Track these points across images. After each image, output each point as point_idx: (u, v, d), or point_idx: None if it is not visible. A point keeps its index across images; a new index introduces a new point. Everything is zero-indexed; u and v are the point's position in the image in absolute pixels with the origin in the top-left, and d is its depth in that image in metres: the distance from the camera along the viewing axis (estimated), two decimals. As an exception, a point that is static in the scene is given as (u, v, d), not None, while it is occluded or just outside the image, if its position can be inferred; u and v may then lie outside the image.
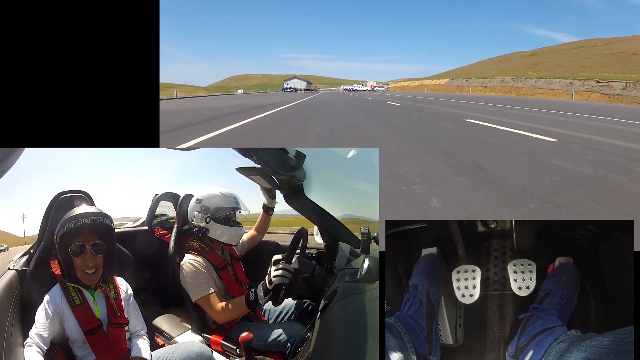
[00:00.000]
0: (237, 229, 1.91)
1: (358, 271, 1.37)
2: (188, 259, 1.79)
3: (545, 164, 3.66)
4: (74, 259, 1.42)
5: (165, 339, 1.79)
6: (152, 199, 2.32)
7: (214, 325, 1.81)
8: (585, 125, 7.46)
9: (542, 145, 4.83)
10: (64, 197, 1.58)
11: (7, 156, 1.02)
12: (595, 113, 11.50)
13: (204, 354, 1.49)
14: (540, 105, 16.65)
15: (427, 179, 3.10)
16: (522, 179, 3.08)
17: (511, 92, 38.61)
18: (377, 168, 2.25)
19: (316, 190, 2.11)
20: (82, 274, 1.43)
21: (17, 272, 1.49)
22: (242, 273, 1.97)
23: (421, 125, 7.59)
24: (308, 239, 2.02)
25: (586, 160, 3.85)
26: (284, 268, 1.60)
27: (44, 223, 1.57)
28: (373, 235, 1.75)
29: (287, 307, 1.90)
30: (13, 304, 1.41)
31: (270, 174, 1.92)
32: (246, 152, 1.86)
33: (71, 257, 1.41)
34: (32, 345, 1.31)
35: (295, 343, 1.58)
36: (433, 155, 4.15)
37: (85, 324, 1.40)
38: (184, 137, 5.37)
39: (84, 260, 1.42)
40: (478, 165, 3.63)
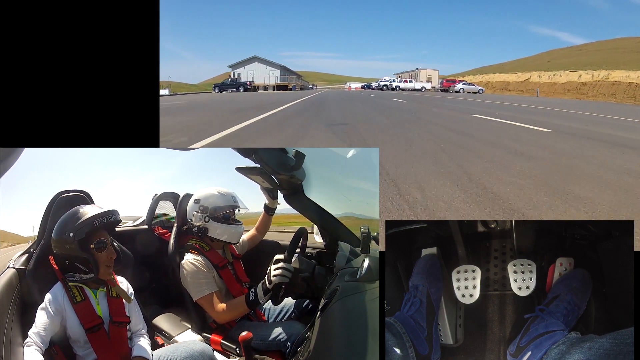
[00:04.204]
0: (236, 227, 1.91)
1: (358, 271, 1.37)
2: (188, 258, 1.79)
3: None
4: (99, 254, 1.44)
5: (165, 338, 1.79)
6: (152, 198, 2.31)
7: (213, 324, 1.81)
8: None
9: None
10: (63, 196, 1.58)
11: (7, 156, 1.02)
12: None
13: (206, 353, 1.49)
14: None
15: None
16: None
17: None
18: (377, 168, 2.24)
19: (316, 189, 2.10)
20: (104, 268, 1.45)
21: (16, 270, 1.49)
22: (243, 272, 1.97)
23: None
24: (308, 238, 2.02)
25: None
26: (283, 267, 1.59)
27: (43, 222, 1.58)
28: (373, 234, 1.75)
29: (287, 306, 1.90)
30: (13, 302, 1.41)
31: (270, 173, 1.92)
32: (246, 152, 1.85)
33: (94, 254, 1.43)
34: (32, 344, 1.31)
35: (295, 342, 1.58)
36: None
37: (87, 321, 1.40)
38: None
39: (107, 253, 1.45)
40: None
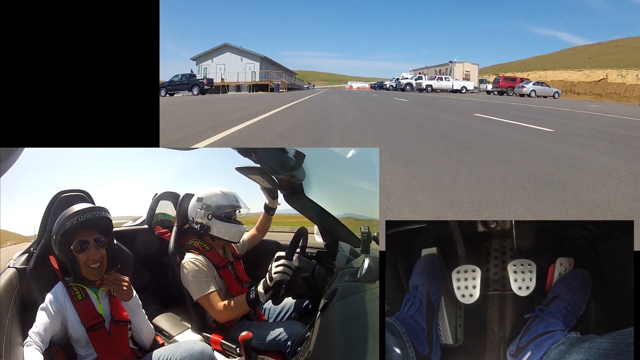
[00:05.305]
0: (238, 226, 1.91)
1: (358, 271, 1.37)
2: (189, 257, 1.79)
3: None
4: (78, 255, 1.42)
5: (165, 338, 1.79)
6: (152, 198, 2.31)
7: (213, 324, 1.81)
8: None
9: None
10: (63, 196, 1.58)
11: (7, 156, 1.02)
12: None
13: (205, 352, 1.48)
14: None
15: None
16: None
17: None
18: (377, 168, 2.24)
19: (316, 189, 2.10)
20: (87, 269, 1.43)
21: (17, 270, 1.49)
22: (243, 272, 1.97)
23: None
24: (308, 238, 2.01)
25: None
26: (285, 264, 1.59)
27: (43, 222, 1.57)
28: (373, 234, 1.75)
29: (287, 306, 1.90)
30: (13, 302, 1.40)
31: (270, 173, 1.92)
32: (245, 152, 1.85)
33: (74, 255, 1.41)
34: (32, 344, 1.31)
35: (295, 342, 1.58)
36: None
37: (87, 319, 1.40)
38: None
39: (88, 255, 1.42)
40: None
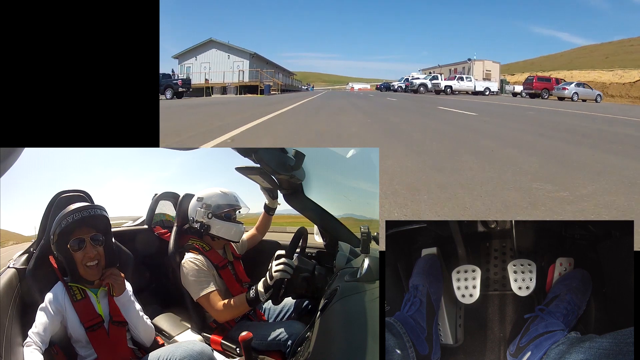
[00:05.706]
0: (238, 226, 1.91)
1: (358, 271, 1.37)
2: (189, 257, 1.79)
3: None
4: (74, 254, 1.41)
5: (165, 338, 1.79)
6: (152, 198, 2.32)
7: (213, 324, 1.81)
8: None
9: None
10: (63, 196, 1.58)
11: (7, 156, 1.02)
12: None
13: (205, 353, 1.48)
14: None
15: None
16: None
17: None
18: (377, 168, 2.24)
19: (316, 189, 2.10)
20: (84, 268, 1.43)
21: (16, 270, 1.49)
22: (243, 272, 1.97)
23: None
24: (308, 238, 2.01)
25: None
26: (285, 263, 1.59)
27: (43, 222, 1.58)
28: (373, 234, 1.75)
29: (287, 306, 1.90)
30: (13, 302, 1.41)
31: (270, 173, 1.92)
32: (245, 152, 1.85)
33: (71, 254, 1.41)
34: (32, 344, 1.31)
35: (295, 342, 1.58)
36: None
37: (87, 319, 1.40)
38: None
39: (84, 253, 1.42)
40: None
